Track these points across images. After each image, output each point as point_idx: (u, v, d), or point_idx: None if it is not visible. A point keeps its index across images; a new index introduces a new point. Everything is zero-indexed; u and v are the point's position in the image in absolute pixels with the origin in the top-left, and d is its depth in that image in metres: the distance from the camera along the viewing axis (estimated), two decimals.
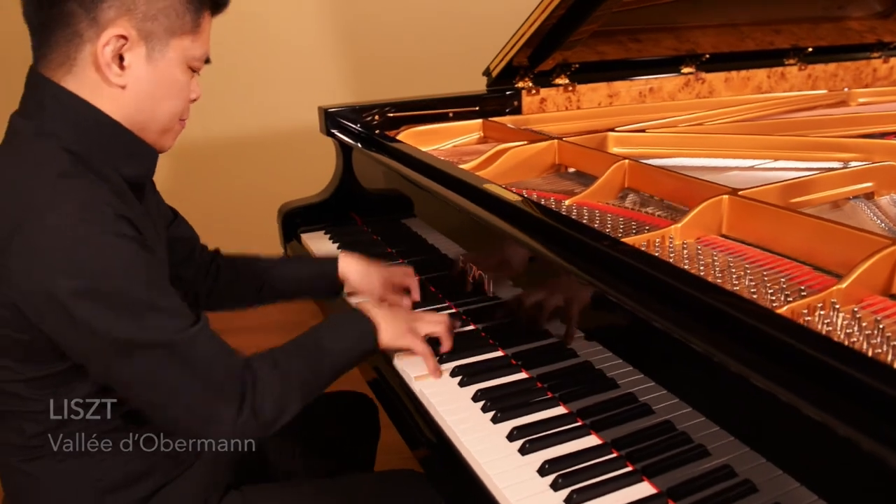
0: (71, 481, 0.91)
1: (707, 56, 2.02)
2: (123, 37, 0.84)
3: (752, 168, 1.48)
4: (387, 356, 1.13)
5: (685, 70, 2.03)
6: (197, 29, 0.91)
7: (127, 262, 0.80)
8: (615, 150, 1.56)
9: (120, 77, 0.86)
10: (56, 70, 0.86)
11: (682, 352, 0.79)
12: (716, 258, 1.03)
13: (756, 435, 0.76)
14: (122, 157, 0.90)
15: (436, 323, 1.11)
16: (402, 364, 1.10)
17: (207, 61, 0.95)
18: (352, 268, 1.29)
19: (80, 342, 0.81)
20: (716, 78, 2.05)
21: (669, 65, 2.02)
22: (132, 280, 0.80)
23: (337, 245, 1.57)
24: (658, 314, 0.81)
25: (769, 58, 2.12)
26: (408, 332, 1.07)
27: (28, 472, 0.91)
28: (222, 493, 1.04)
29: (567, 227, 0.99)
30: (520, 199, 1.10)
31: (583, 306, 0.98)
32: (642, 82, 1.97)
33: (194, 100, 0.96)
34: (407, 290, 1.31)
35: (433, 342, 1.10)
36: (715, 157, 1.52)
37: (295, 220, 1.65)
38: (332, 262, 1.30)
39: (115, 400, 0.90)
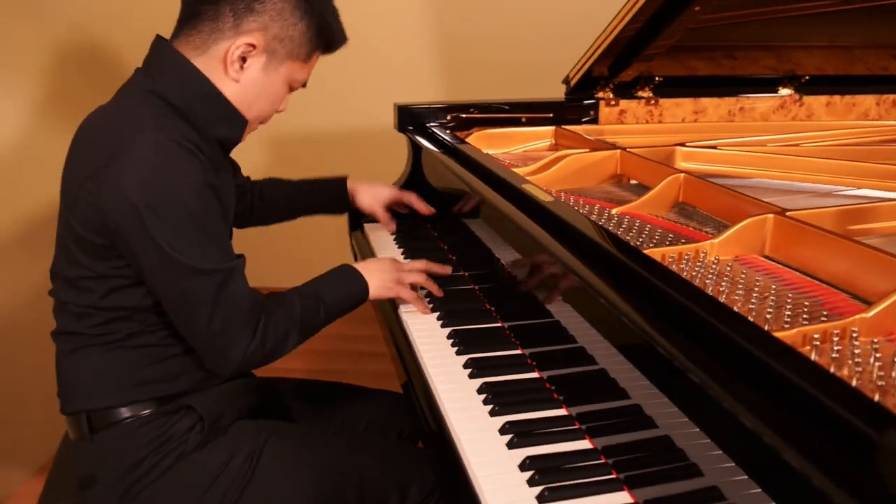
0: (114, 367, 1.05)
1: (807, 77, 1.92)
2: (253, 45, 1.05)
3: (829, 194, 1.40)
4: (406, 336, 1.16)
5: (783, 91, 1.93)
6: (308, 60, 1.12)
7: (198, 194, 0.97)
8: (682, 164, 1.51)
9: (237, 73, 1.07)
10: (188, 48, 1.06)
11: (667, 360, 0.77)
12: (745, 276, 0.98)
13: (752, 460, 0.72)
14: (216, 119, 1.07)
15: (417, 272, 1.27)
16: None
17: (304, 86, 1.16)
18: (359, 185, 1.58)
19: (143, 253, 0.96)
20: (816, 101, 1.93)
21: (765, 84, 1.93)
22: (199, 209, 0.97)
23: (394, 238, 1.62)
24: (643, 316, 0.79)
25: (881, 84, 1.98)
26: (394, 283, 1.23)
27: (81, 357, 1.06)
28: (238, 417, 1.13)
29: (564, 215, 0.99)
30: (550, 199, 1.10)
31: (584, 306, 0.97)
32: (732, 101, 1.89)
33: (280, 111, 1.18)
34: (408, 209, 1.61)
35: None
36: (791, 181, 1.45)
37: (361, 213, 1.71)
38: (342, 181, 1.58)
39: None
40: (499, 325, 1.22)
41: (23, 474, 1.93)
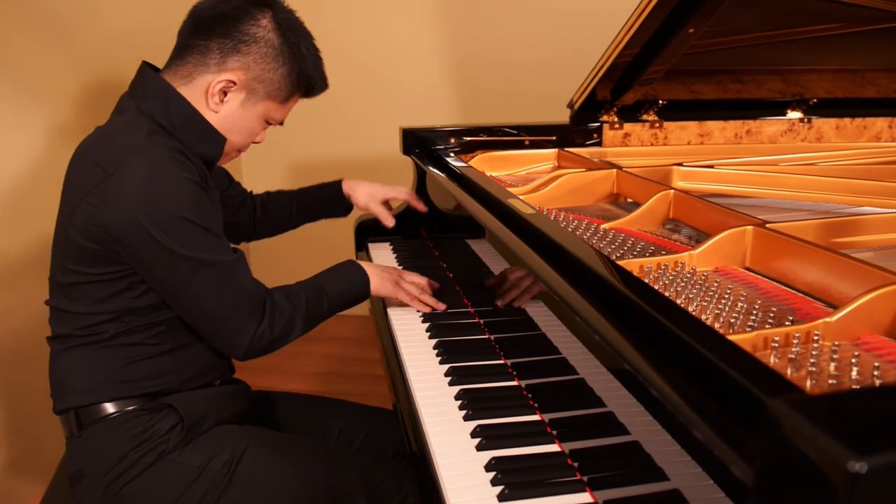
0: (101, 364, 1.11)
1: (815, 100, 1.92)
2: (234, 82, 1.14)
3: (827, 213, 1.39)
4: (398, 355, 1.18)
5: (791, 114, 1.94)
6: (285, 102, 1.21)
7: (193, 199, 1.05)
8: (679, 184, 1.52)
9: (217, 105, 1.16)
10: (175, 77, 1.15)
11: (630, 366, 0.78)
12: (718, 285, 0.99)
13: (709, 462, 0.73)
14: (197, 138, 1.16)
15: (415, 285, 1.34)
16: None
17: (280, 123, 1.25)
18: (355, 184, 1.62)
19: (149, 258, 1.04)
20: (825, 124, 1.93)
21: (773, 107, 1.93)
22: (196, 212, 1.05)
23: (395, 256, 1.66)
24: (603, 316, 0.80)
25: (892, 107, 1.96)
26: (393, 284, 1.30)
27: (70, 357, 1.13)
28: (221, 422, 1.16)
29: (543, 227, 1.02)
30: (532, 212, 1.12)
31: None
32: (739, 124, 1.90)
33: (257, 142, 1.27)
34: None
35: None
36: (789, 199, 1.45)
37: (366, 231, 1.76)
38: (338, 182, 1.61)
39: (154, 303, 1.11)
40: (485, 336, 1.24)
41: (40, 486, 1.99)
